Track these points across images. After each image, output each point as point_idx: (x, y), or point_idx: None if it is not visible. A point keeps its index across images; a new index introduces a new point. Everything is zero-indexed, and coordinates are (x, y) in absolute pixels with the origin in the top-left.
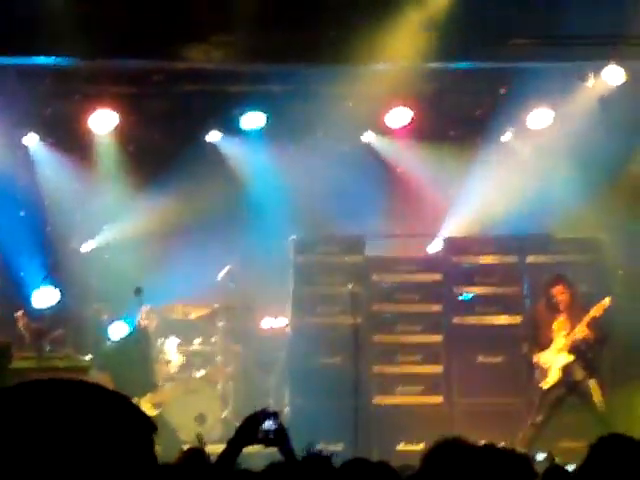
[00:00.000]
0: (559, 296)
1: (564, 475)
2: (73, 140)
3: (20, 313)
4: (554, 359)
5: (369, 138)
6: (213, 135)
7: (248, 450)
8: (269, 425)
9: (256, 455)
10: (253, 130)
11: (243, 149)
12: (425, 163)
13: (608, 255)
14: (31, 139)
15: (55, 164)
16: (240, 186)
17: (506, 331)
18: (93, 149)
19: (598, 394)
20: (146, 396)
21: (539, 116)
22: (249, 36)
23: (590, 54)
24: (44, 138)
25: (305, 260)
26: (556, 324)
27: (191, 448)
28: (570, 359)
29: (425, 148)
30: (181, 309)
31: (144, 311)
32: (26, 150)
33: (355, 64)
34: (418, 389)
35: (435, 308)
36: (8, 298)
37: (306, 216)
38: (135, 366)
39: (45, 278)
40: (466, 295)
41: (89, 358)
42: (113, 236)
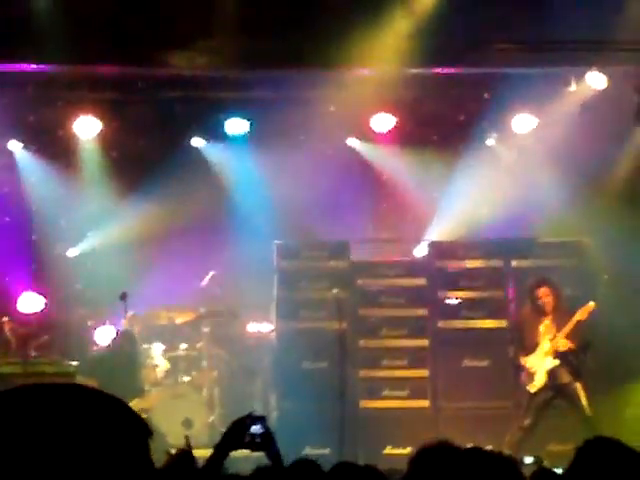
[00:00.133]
0: (544, 298)
1: (552, 478)
2: (57, 146)
3: (6, 319)
4: (540, 362)
5: (353, 143)
6: (197, 141)
7: (235, 454)
8: (256, 429)
9: (243, 459)
10: (237, 136)
11: (227, 155)
12: (409, 168)
13: (592, 259)
14: (15, 145)
15: (39, 170)
16: (224, 192)
17: (492, 335)
18: (77, 155)
19: (584, 397)
20: (133, 401)
21: (523, 121)
22: (233, 42)
23: (573, 59)
24: (27, 145)
25: (289, 265)
26: (542, 327)
27: (178, 452)
28: (556, 363)
29: (409, 153)
30: (166, 314)
31: (128, 317)
32: (10, 156)
33: (338, 70)
34: (404, 393)
35: (420, 312)
36: None
37: (290, 221)
38: (121, 371)
39: None
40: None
41: (75, 364)
42: (98, 242)
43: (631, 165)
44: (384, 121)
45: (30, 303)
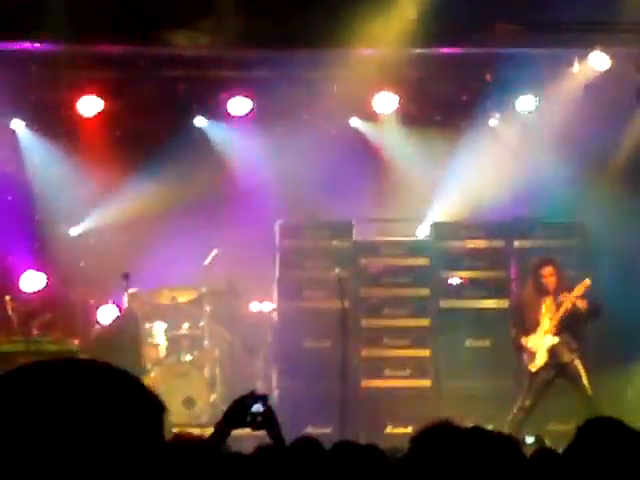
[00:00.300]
0: (548, 278)
1: (553, 457)
2: (59, 125)
3: (8, 297)
4: (541, 341)
5: (356, 123)
6: (199, 120)
7: (236, 433)
8: (257, 408)
9: (244, 438)
10: (240, 115)
11: (230, 134)
12: (412, 148)
13: (594, 239)
14: (18, 125)
15: (42, 149)
16: (227, 171)
17: (493, 315)
18: (79, 134)
19: (585, 377)
20: None
21: (525, 101)
22: (235, 21)
23: (576, 40)
24: (30, 124)
25: (292, 245)
26: (543, 307)
27: (180, 432)
28: (556, 341)
29: (412, 133)
30: (168, 293)
31: (129, 294)
32: (13, 135)
33: (342, 49)
34: (406, 373)
35: (423, 292)
36: None
37: (293, 200)
38: (123, 350)
39: None
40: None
41: (77, 343)
42: (101, 221)
43: (633, 146)
44: (387, 101)
45: (32, 282)
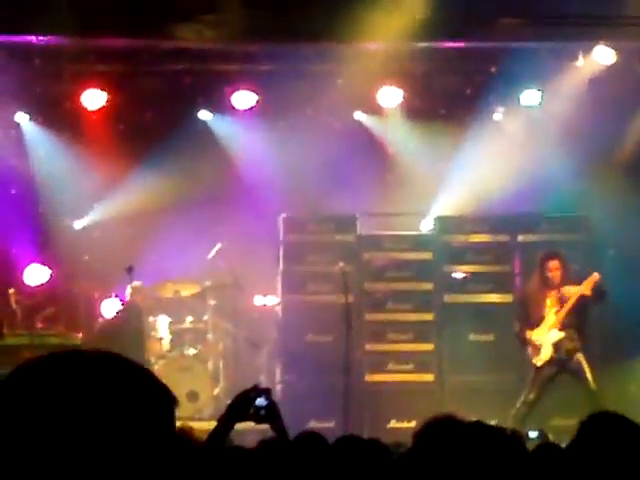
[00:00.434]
0: (554, 271)
1: (556, 452)
2: (63, 118)
3: (12, 290)
4: (546, 336)
5: (360, 117)
6: (204, 114)
7: (240, 427)
8: (260, 402)
9: (247, 432)
10: (244, 109)
11: (234, 128)
12: (417, 141)
13: (599, 234)
14: (22, 117)
15: (46, 142)
16: (231, 164)
17: (497, 309)
18: (84, 127)
19: (589, 371)
20: None
21: (530, 95)
22: (240, 15)
23: (580, 34)
24: (34, 117)
25: (296, 238)
26: (548, 301)
27: (183, 425)
28: (561, 335)
29: (416, 127)
30: (172, 287)
31: (134, 288)
32: (17, 128)
33: (345, 43)
34: (409, 367)
35: (426, 286)
36: (0, 275)
37: (297, 194)
38: (127, 344)
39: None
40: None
41: (81, 336)
42: (105, 214)
43: (638, 140)
44: (391, 95)
45: (36, 275)
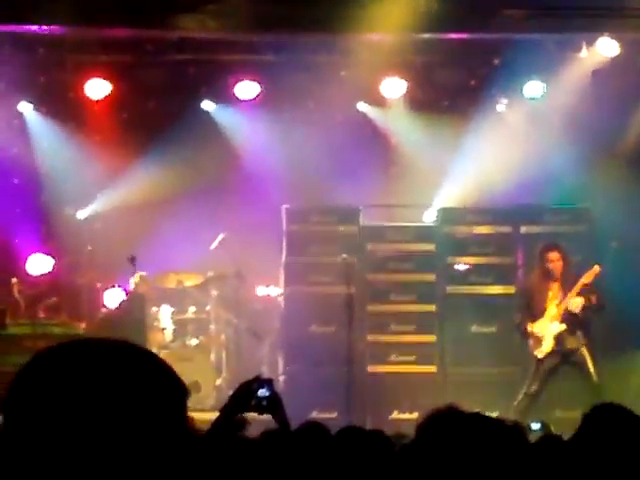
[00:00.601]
0: (554, 262)
1: (558, 444)
2: (67, 108)
3: (15, 280)
4: (547, 328)
5: (363, 108)
6: (207, 104)
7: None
8: (263, 392)
9: (250, 423)
10: (247, 99)
11: (237, 118)
12: (420, 133)
13: (601, 225)
14: (25, 107)
15: (49, 132)
16: (234, 155)
17: (500, 301)
18: (87, 117)
19: (591, 363)
20: None
21: (533, 87)
22: (243, 5)
23: (584, 26)
24: (38, 106)
25: (298, 229)
26: (550, 293)
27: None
28: (562, 328)
29: (419, 118)
30: (175, 277)
31: (137, 278)
32: (20, 117)
33: (349, 34)
34: (411, 358)
35: (429, 278)
36: (3, 265)
37: (300, 185)
38: (129, 334)
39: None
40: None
41: (83, 326)
42: (108, 204)
43: None
44: (394, 86)
45: (39, 265)
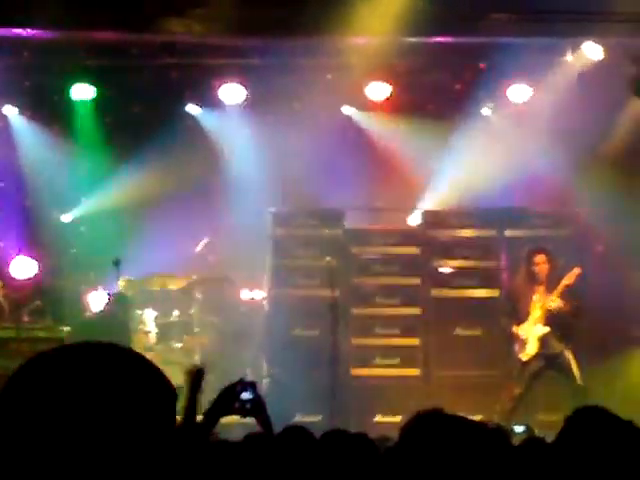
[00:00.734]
0: (540, 265)
1: (542, 446)
2: (52, 112)
3: None
4: (532, 330)
5: (349, 111)
6: (192, 108)
7: (225, 421)
8: (246, 396)
9: (233, 426)
10: (232, 103)
11: (222, 122)
12: (405, 136)
13: (587, 229)
14: (10, 110)
15: (34, 135)
16: (219, 158)
17: (484, 304)
18: (72, 121)
19: (575, 367)
20: None
21: (518, 90)
22: (229, 9)
23: (569, 30)
24: (23, 110)
25: (284, 233)
26: (535, 296)
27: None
28: (546, 330)
29: (405, 122)
30: (159, 280)
31: (122, 281)
32: (5, 121)
33: (334, 38)
34: (396, 361)
35: (413, 281)
36: None
37: (285, 188)
38: (113, 337)
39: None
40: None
41: (67, 329)
42: (92, 207)
43: (626, 135)
44: (380, 90)
45: (23, 268)
